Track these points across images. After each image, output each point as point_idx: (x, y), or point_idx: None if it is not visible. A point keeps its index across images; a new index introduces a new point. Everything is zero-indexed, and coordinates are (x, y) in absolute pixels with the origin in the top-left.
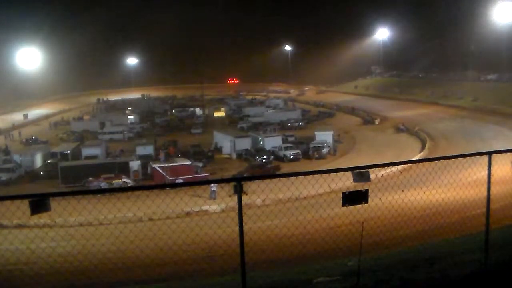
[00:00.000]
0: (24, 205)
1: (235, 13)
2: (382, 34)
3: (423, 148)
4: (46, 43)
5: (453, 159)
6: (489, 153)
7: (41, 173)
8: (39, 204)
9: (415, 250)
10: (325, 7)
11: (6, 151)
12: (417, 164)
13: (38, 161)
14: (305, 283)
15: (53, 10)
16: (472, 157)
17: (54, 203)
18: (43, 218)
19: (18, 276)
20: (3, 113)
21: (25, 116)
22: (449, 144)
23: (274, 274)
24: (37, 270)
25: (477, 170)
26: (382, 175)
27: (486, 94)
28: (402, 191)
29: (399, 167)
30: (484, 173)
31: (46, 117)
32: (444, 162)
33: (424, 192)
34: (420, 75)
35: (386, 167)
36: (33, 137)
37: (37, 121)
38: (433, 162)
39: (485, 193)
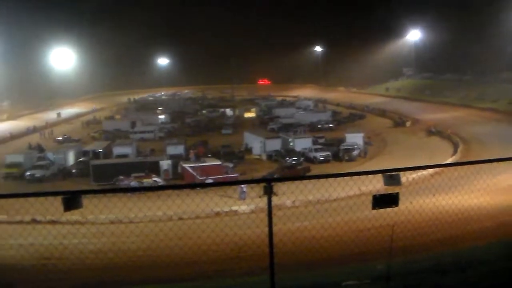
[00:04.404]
0: (57, 201)
1: (267, 15)
2: (414, 35)
3: (455, 151)
4: (80, 43)
5: (487, 164)
6: None
7: (74, 171)
8: (71, 201)
9: (446, 255)
10: (356, 9)
11: (41, 149)
12: (449, 168)
13: (71, 159)
14: (333, 285)
15: (86, 11)
16: (507, 162)
17: (85, 201)
18: (75, 215)
19: (51, 271)
20: (37, 112)
21: (59, 114)
22: (482, 148)
23: (302, 275)
24: (70, 265)
25: None
26: (413, 178)
27: None
28: (434, 195)
29: (431, 170)
30: None
31: (79, 116)
32: (477, 166)
33: (456, 197)
34: (453, 77)
35: (417, 171)
36: (66, 136)
37: (69, 119)
38: (465, 166)
39: None
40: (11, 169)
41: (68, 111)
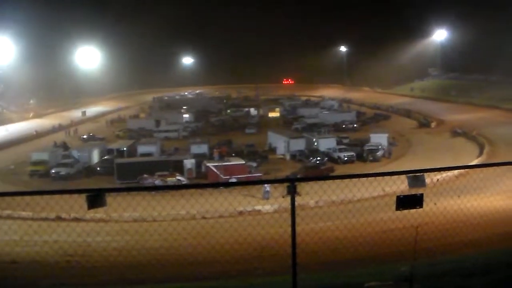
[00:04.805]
0: (82, 199)
1: (291, 14)
2: (440, 35)
3: (481, 153)
4: (105, 43)
5: None
6: None
7: (98, 169)
8: (95, 199)
9: (470, 258)
10: (381, 8)
11: (66, 147)
12: (474, 169)
13: (95, 157)
14: (356, 286)
15: (111, 10)
16: None
17: (109, 199)
18: (99, 213)
19: (75, 268)
20: (63, 110)
21: (84, 113)
22: (509, 150)
23: (325, 276)
24: (93, 262)
25: None
26: (437, 179)
27: None
28: (458, 196)
29: (456, 172)
30: None
31: (103, 114)
32: (504, 168)
33: (482, 199)
34: (479, 77)
35: (442, 172)
36: (91, 134)
37: (94, 118)
38: (491, 168)
39: None
40: (36, 167)
41: (93, 109)
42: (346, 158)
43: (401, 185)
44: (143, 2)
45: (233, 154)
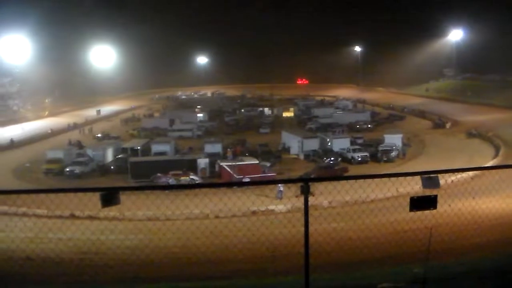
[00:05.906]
0: (96, 197)
1: (307, 14)
2: (456, 35)
3: (496, 154)
4: (120, 42)
5: None
6: None
7: (112, 167)
8: (109, 197)
9: (484, 260)
10: (396, 8)
11: (80, 146)
12: (490, 171)
13: (109, 156)
14: (368, 287)
15: (126, 10)
16: None
17: (123, 197)
18: (112, 211)
19: (88, 265)
20: (77, 109)
21: (98, 112)
22: None
23: (337, 277)
24: (106, 260)
25: None
26: (452, 181)
27: None
28: (473, 198)
29: (470, 173)
30: None
31: (118, 113)
32: None
33: (497, 201)
34: (496, 78)
35: (456, 173)
36: (105, 133)
37: (109, 117)
38: (507, 169)
39: None
40: (51, 165)
41: (107, 108)
42: (360, 159)
43: (415, 186)
44: (158, 2)
45: (247, 154)
